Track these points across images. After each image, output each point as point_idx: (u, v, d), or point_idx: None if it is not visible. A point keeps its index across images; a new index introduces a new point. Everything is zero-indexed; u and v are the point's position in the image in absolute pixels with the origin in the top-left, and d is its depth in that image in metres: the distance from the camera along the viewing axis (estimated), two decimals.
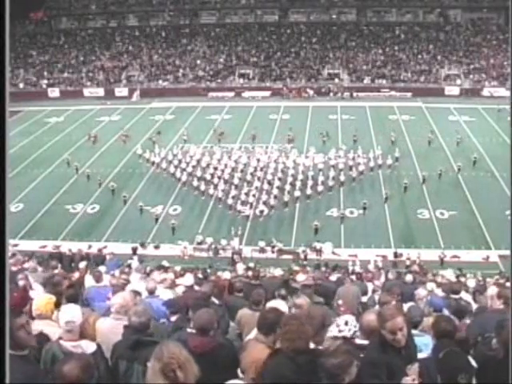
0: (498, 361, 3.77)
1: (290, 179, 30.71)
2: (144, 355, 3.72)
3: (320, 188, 29.82)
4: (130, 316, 4.27)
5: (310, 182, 30.10)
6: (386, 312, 3.71)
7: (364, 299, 8.67)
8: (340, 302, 7.60)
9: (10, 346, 3.20)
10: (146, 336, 4.15)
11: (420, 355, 4.07)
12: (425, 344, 4.57)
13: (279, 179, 30.82)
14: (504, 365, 3.51)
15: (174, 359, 2.80)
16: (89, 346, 4.15)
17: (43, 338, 4.31)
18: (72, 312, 4.29)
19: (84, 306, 5.98)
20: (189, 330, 4.70)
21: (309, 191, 29.43)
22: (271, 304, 4.46)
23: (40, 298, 5.11)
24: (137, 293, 6.79)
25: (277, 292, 7.16)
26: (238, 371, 4.07)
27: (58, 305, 5.12)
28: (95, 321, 5.11)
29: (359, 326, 4.29)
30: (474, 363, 4.36)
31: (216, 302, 6.76)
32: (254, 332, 4.47)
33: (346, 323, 4.19)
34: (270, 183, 30.62)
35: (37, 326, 4.56)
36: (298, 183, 30.25)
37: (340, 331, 4.14)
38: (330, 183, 30.37)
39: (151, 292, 7.45)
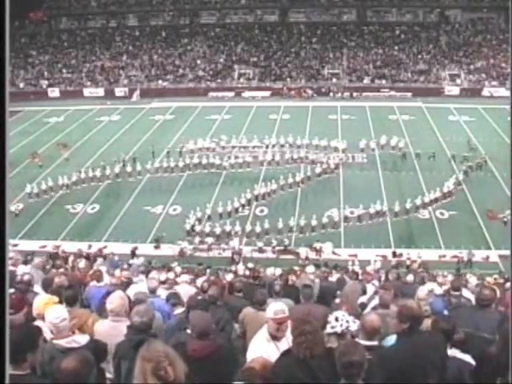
0: (497, 359, 3.78)
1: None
2: None
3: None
4: (132, 316, 4.27)
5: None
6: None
7: (363, 299, 8.66)
8: (337, 300, 7.60)
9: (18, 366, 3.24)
10: (150, 336, 4.15)
11: None
12: None
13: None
14: (503, 363, 3.51)
15: (163, 357, 2.79)
16: (81, 339, 4.18)
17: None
18: (57, 312, 4.33)
19: (84, 307, 5.97)
20: (189, 331, 4.69)
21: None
22: (273, 305, 4.44)
23: (40, 298, 5.11)
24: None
25: (272, 288, 7.18)
26: None
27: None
28: (94, 322, 5.11)
29: (360, 326, 4.30)
30: (472, 361, 4.38)
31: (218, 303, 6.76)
32: (259, 331, 4.47)
33: (336, 319, 4.18)
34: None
35: None
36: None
37: (332, 327, 4.14)
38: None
39: (152, 291, 7.47)
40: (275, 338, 4.27)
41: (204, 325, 4.24)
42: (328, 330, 4.15)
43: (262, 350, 4.20)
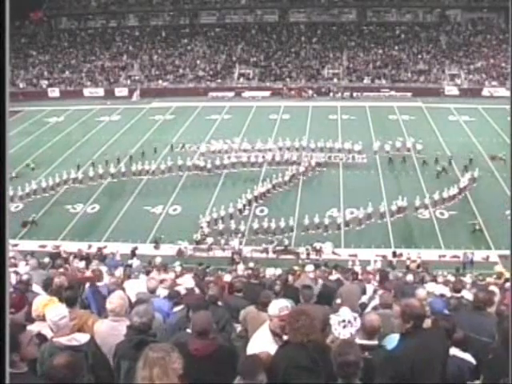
0: (498, 359, 3.78)
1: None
2: None
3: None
4: (132, 316, 4.26)
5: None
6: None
7: (363, 299, 8.67)
8: (338, 301, 7.61)
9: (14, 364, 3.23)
10: (149, 336, 4.14)
11: None
12: None
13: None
14: (503, 363, 3.52)
15: (172, 352, 2.80)
16: (82, 338, 4.18)
17: (41, 338, 4.28)
18: (57, 310, 4.34)
19: (84, 307, 5.96)
20: (189, 330, 4.69)
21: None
22: (277, 303, 4.45)
23: (39, 300, 5.10)
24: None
25: (272, 288, 7.18)
26: None
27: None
28: (94, 323, 5.10)
29: (361, 325, 4.32)
30: (472, 360, 4.39)
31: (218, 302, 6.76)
32: (260, 329, 4.50)
33: (355, 319, 4.25)
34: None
35: (36, 328, 4.55)
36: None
37: (352, 326, 4.18)
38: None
39: (152, 291, 7.45)
40: (277, 335, 4.26)
41: (204, 324, 4.23)
42: (348, 330, 4.19)
43: (263, 347, 4.20)
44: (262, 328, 4.46)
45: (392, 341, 4.79)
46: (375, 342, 4.27)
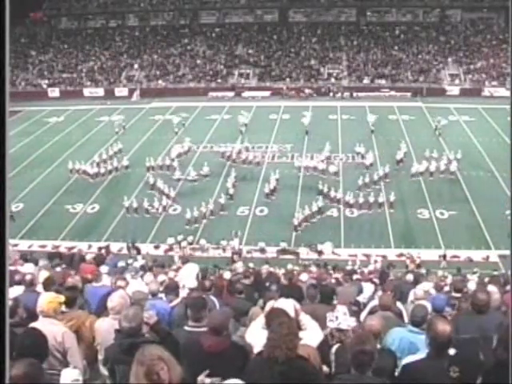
0: (498, 361, 3.77)
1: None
2: None
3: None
4: (121, 320, 4.20)
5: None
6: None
7: (361, 299, 8.68)
8: (335, 301, 7.68)
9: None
10: (139, 338, 4.10)
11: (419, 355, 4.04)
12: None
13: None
14: (504, 365, 3.51)
15: (157, 361, 2.77)
16: None
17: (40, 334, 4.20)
18: (72, 375, 4.01)
19: (81, 308, 5.95)
20: (187, 328, 4.69)
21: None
22: (278, 304, 4.48)
23: (44, 297, 5.11)
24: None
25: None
26: None
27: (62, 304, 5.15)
28: (92, 323, 5.09)
29: (361, 330, 4.36)
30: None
31: (215, 300, 6.75)
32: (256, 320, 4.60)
33: (345, 313, 4.32)
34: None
35: (40, 325, 4.55)
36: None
37: (339, 324, 4.23)
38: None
39: (154, 294, 7.40)
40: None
41: (220, 320, 4.23)
42: (335, 325, 4.26)
43: (259, 336, 4.23)
44: (259, 318, 4.61)
45: (392, 341, 4.80)
46: (377, 346, 4.28)
